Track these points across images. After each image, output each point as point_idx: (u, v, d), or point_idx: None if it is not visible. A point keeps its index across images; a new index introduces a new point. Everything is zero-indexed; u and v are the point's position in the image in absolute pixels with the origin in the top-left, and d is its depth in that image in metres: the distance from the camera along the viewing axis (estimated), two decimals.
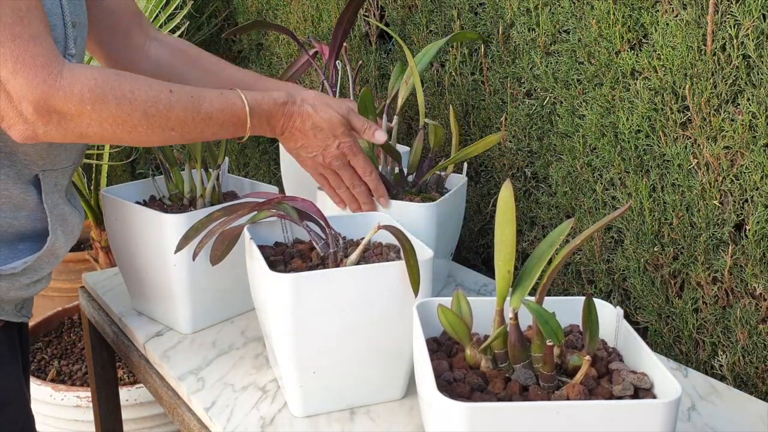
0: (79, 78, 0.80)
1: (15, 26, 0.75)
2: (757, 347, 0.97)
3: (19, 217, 0.90)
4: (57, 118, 0.80)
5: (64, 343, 2.07)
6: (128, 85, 0.84)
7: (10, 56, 0.75)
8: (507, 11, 1.22)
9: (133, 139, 0.86)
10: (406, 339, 0.85)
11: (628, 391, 0.66)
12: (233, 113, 0.94)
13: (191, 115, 0.89)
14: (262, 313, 0.89)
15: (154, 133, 0.87)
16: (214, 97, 0.92)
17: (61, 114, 0.79)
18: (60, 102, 0.78)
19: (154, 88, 0.86)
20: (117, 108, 0.82)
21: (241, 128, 0.95)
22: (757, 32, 0.89)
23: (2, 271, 0.88)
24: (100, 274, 1.33)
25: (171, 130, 0.88)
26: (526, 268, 0.70)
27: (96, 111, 0.81)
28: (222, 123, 0.93)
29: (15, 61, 0.75)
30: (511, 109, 1.26)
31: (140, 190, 1.18)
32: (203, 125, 0.91)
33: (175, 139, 0.90)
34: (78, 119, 0.81)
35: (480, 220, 1.39)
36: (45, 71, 0.77)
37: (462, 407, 0.59)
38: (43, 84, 0.77)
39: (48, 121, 0.79)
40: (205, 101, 0.91)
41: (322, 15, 1.70)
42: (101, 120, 0.82)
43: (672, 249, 1.05)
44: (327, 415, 0.88)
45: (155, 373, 1.05)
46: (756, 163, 0.92)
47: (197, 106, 0.90)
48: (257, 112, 0.96)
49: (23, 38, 0.76)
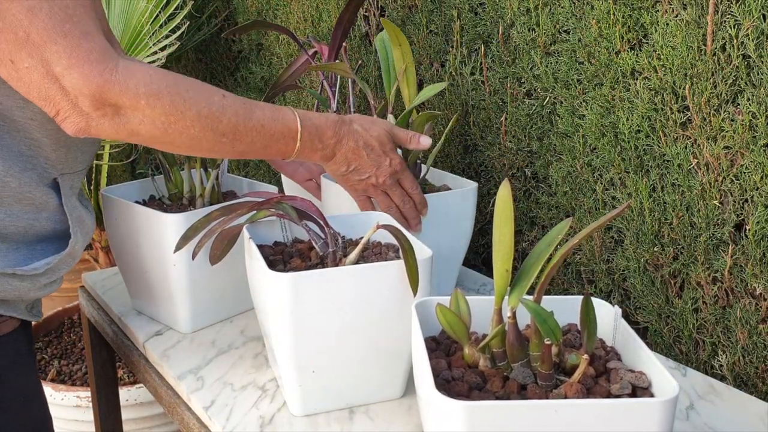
0: (135, 73, 0.80)
1: (65, 24, 0.76)
2: (757, 347, 0.96)
3: (40, 218, 0.91)
4: (111, 112, 0.80)
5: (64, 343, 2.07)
6: (183, 84, 0.84)
7: (63, 53, 0.76)
8: (507, 11, 1.22)
9: (183, 141, 0.85)
10: (404, 338, 0.85)
11: (625, 389, 0.66)
12: (284, 124, 0.92)
13: (243, 121, 0.88)
14: (261, 313, 0.89)
15: (205, 137, 0.85)
16: (266, 107, 0.91)
17: (115, 108, 0.80)
18: (115, 95, 0.79)
19: (207, 89, 0.86)
20: (171, 105, 0.82)
21: (291, 143, 0.93)
22: (757, 32, 0.89)
23: (25, 271, 0.89)
24: (100, 274, 1.33)
25: (222, 135, 0.87)
26: (525, 267, 0.70)
27: (150, 107, 0.81)
28: (272, 135, 0.91)
29: (69, 57, 0.76)
30: (511, 109, 1.26)
31: (140, 190, 1.18)
32: (254, 134, 0.89)
33: (225, 147, 0.88)
34: (131, 114, 0.81)
35: (480, 220, 1.39)
36: (101, 66, 0.78)
37: (460, 406, 0.59)
38: (99, 77, 0.78)
39: (103, 114, 0.80)
40: (257, 109, 0.90)
41: (322, 15, 1.70)
42: (154, 117, 0.81)
43: (672, 249, 1.05)
44: (326, 414, 0.88)
45: (155, 373, 1.05)
46: (756, 163, 0.92)
47: (249, 113, 0.89)
48: (308, 125, 0.94)
49: (74, 35, 0.77)
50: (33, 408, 0.94)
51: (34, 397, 0.95)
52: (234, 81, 2.16)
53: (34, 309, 0.95)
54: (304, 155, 0.95)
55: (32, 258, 0.91)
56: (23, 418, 0.92)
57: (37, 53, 0.76)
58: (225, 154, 0.91)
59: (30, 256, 0.91)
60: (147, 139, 0.84)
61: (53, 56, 0.76)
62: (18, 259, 0.90)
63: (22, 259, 0.90)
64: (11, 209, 0.88)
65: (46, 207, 0.92)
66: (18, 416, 0.91)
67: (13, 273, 0.88)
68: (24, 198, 0.89)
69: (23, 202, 0.89)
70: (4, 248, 0.88)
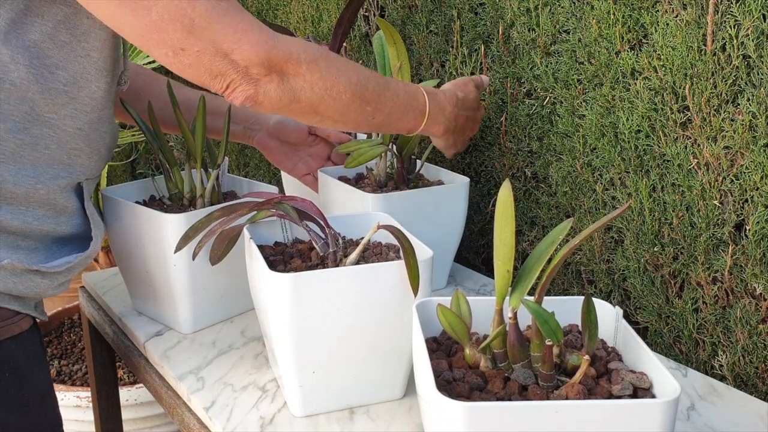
0: (292, 41, 0.86)
1: (222, 2, 0.81)
2: (757, 347, 0.96)
3: (60, 222, 0.93)
4: (278, 78, 0.85)
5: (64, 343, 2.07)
6: (331, 54, 0.91)
7: (228, 29, 0.81)
8: (507, 11, 1.22)
9: (336, 109, 0.91)
10: (405, 338, 0.85)
11: (627, 390, 0.66)
12: (415, 98, 1.00)
13: (383, 90, 0.95)
14: (261, 313, 0.89)
15: (353, 104, 0.92)
16: (398, 81, 1.00)
17: (281, 73, 0.85)
18: (281, 60, 0.84)
19: (349, 61, 0.93)
20: (327, 71, 0.88)
21: (420, 116, 1.01)
22: (757, 32, 0.89)
23: (48, 268, 0.90)
24: (100, 274, 1.33)
25: (367, 104, 0.93)
26: (526, 268, 0.70)
27: (309, 71, 0.87)
28: (405, 106, 0.99)
29: (234, 32, 0.81)
30: (511, 109, 1.26)
31: (140, 190, 1.18)
32: (392, 104, 0.96)
33: (368, 117, 0.95)
34: (293, 80, 0.86)
35: (480, 220, 1.39)
36: (263, 35, 0.83)
37: (461, 407, 0.59)
38: (266, 44, 0.83)
39: (270, 80, 0.84)
40: (391, 81, 0.98)
41: (322, 15, 1.70)
42: (313, 82, 0.87)
43: (672, 249, 1.05)
44: (327, 414, 0.88)
45: (155, 373, 1.05)
46: (756, 163, 0.92)
47: (387, 83, 0.97)
48: (433, 99, 1.03)
49: (232, 12, 0.82)
50: (48, 407, 0.95)
51: (49, 397, 0.96)
52: None
53: (38, 308, 0.96)
54: (428, 129, 1.04)
55: (51, 257, 0.93)
56: (40, 419, 0.93)
57: (204, 35, 0.80)
58: (366, 125, 0.97)
59: (49, 256, 0.93)
60: (305, 106, 0.89)
61: (219, 35, 0.81)
62: (39, 257, 0.91)
63: (43, 258, 0.92)
64: (36, 213, 0.90)
65: (65, 211, 0.93)
66: (37, 416, 0.92)
67: (37, 270, 0.89)
68: (46, 203, 0.91)
69: (45, 207, 0.91)
70: (27, 246, 0.90)
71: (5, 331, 0.88)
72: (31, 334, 0.93)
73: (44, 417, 0.94)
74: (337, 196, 1.17)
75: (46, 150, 0.89)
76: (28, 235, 0.90)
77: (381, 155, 1.17)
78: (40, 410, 0.93)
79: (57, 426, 0.97)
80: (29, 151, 0.88)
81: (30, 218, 0.89)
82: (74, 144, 0.92)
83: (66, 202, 0.93)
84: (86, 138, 0.93)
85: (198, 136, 1.09)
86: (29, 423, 0.91)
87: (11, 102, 0.85)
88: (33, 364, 0.93)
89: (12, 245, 0.88)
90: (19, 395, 0.90)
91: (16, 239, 0.88)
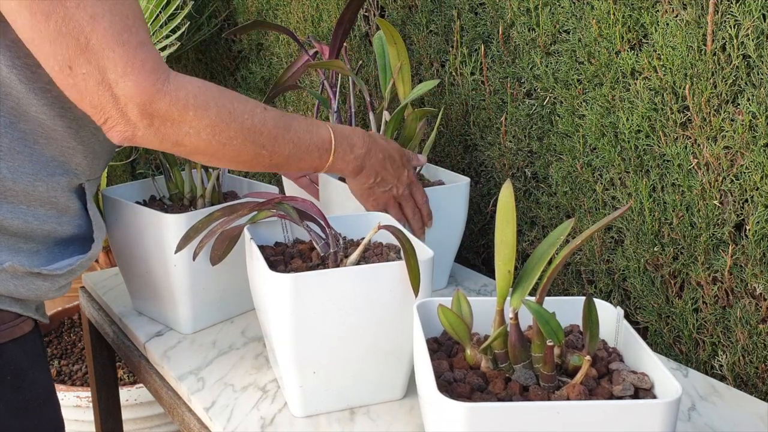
0: (185, 85, 0.82)
1: (123, 33, 0.78)
2: (757, 347, 0.97)
3: (62, 222, 0.93)
4: (158, 122, 0.81)
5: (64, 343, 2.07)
6: (228, 95, 0.86)
7: (120, 60, 0.77)
8: (507, 11, 1.22)
9: (226, 153, 0.87)
10: (406, 339, 0.85)
11: (628, 391, 0.66)
12: (319, 137, 0.95)
13: (282, 132, 0.90)
14: (262, 313, 0.89)
15: (246, 148, 0.88)
16: (301, 119, 0.94)
17: (163, 118, 0.81)
18: (165, 106, 0.80)
19: (250, 102, 0.89)
20: (217, 116, 0.84)
21: (325, 155, 0.96)
22: (757, 32, 0.89)
23: (49, 271, 0.90)
24: (100, 274, 1.33)
25: (262, 147, 0.89)
26: (527, 269, 0.70)
27: (197, 118, 0.83)
28: (308, 147, 0.94)
29: (125, 65, 0.78)
30: (511, 109, 1.26)
31: (140, 190, 1.18)
32: (291, 146, 0.92)
33: (264, 159, 0.91)
34: (178, 125, 0.82)
35: (480, 220, 1.39)
36: (154, 75, 0.79)
37: (462, 407, 0.59)
38: (152, 87, 0.79)
39: (150, 124, 0.81)
40: (294, 120, 0.93)
41: (322, 15, 1.70)
42: (200, 128, 0.83)
43: (672, 249, 1.05)
44: (327, 415, 0.88)
45: (155, 373, 1.05)
46: (756, 163, 0.92)
47: (288, 125, 0.91)
48: (340, 138, 0.97)
49: (132, 44, 0.78)
50: (50, 410, 0.95)
51: (51, 399, 0.96)
52: (234, 81, 2.16)
53: (39, 310, 0.95)
54: (336, 167, 0.99)
55: (53, 260, 0.93)
56: (42, 422, 0.93)
57: (95, 60, 0.77)
58: (262, 166, 0.92)
59: (51, 258, 0.93)
60: (190, 150, 0.85)
61: (110, 63, 0.77)
62: (41, 260, 0.91)
63: (44, 260, 0.92)
64: (37, 212, 0.90)
65: (67, 211, 0.93)
66: (38, 419, 0.92)
67: (39, 272, 0.89)
68: (48, 202, 0.90)
69: (47, 206, 0.90)
70: (29, 249, 0.90)
71: (6, 334, 0.88)
72: (32, 336, 0.93)
73: (46, 420, 0.94)
74: (338, 197, 1.17)
75: (36, 146, 0.88)
76: (30, 236, 0.89)
77: None
78: (41, 413, 0.93)
79: (59, 428, 0.97)
80: (22, 147, 0.87)
81: (30, 218, 0.89)
82: (66, 142, 0.91)
83: (68, 201, 0.93)
84: (77, 136, 0.92)
85: None
86: (31, 426, 0.91)
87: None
88: (34, 367, 0.93)
89: (13, 248, 0.88)
90: (21, 398, 0.90)
91: (18, 241, 0.88)
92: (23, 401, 0.90)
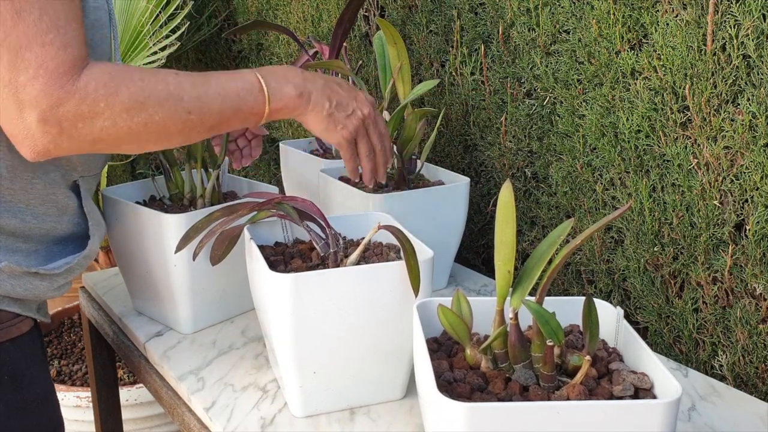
0: (94, 75, 0.76)
1: (49, 33, 0.73)
2: (757, 347, 0.97)
3: (62, 221, 0.92)
4: (69, 126, 0.76)
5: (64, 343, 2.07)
6: (135, 73, 0.80)
7: (34, 62, 0.73)
8: (507, 11, 1.22)
9: (150, 133, 0.81)
10: (406, 339, 0.85)
11: (628, 391, 0.66)
12: (244, 80, 0.87)
13: (203, 89, 0.83)
14: (262, 313, 0.89)
15: (171, 119, 0.81)
16: (219, 72, 0.87)
17: (73, 120, 0.75)
18: (73, 106, 0.75)
19: (160, 72, 0.82)
20: (129, 98, 0.78)
21: (260, 96, 0.87)
22: (757, 32, 0.89)
23: (47, 271, 0.90)
24: (100, 274, 1.33)
25: (188, 112, 0.82)
26: (526, 269, 0.70)
27: (110, 106, 0.77)
28: (237, 94, 0.86)
29: (37, 68, 0.73)
30: (511, 109, 1.26)
31: (140, 190, 1.18)
32: (219, 99, 0.84)
33: (195, 125, 0.83)
34: (92, 121, 0.76)
35: (480, 220, 1.39)
36: (65, 78, 0.74)
37: (462, 407, 0.59)
38: (60, 90, 0.74)
39: (60, 132, 0.75)
40: (212, 76, 0.86)
41: (322, 15, 1.70)
42: (115, 116, 0.77)
43: (672, 249, 1.05)
44: (327, 415, 0.88)
45: (155, 373, 1.05)
46: (756, 163, 0.92)
47: (206, 80, 0.85)
48: (266, 72, 0.89)
49: (54, 45, 0.74)
50: (49, 409, 0.95)
51: (50, 399, 0.96)
52: None
53: (41, 310, 0.95)
54: (279, 106, 0.90)
55: (51, 259, 0.92)
56: (41, 419, 0.93)
57: (6, 56, 0.72)
58: (197, 133, 0.85)
59: (49, 257, 0.92)
60: (112, 142, 0.80)
61: (23, 64, 0.72)
62: (39, 259, 0.91)
63: (42, 260, 0.91)
64: (36, 210, 0.89)
65: (67, 209, 0.93)
66: (36, 417, 0.92)
67: (36, 272, 0.89)
68: (48, 200, 0.90)
69: (47, 204, 0.90)
70: (26, 249, 0.89)
71: (4, 334, 0.88)
72: (30, 336, 0.93)
73: (45, 419, 0.94)
74: (338, 196, 1.17)
75: None
76: (28, 236, 0.89)
77: None
78: (40, 413, 0.93)
79: (58, 428, 0.97)
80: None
81: (29, 216, 0.88)
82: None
83: (67, 199, 0.92)
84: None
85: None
86: (30, 426, 0.91)
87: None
88: (33, 367, 0.93)
89: (11, 248, 0.87)
90: (19, 398, 0.90)
91: (16, 241, 0.88)
92: (22, 401, 0.90)
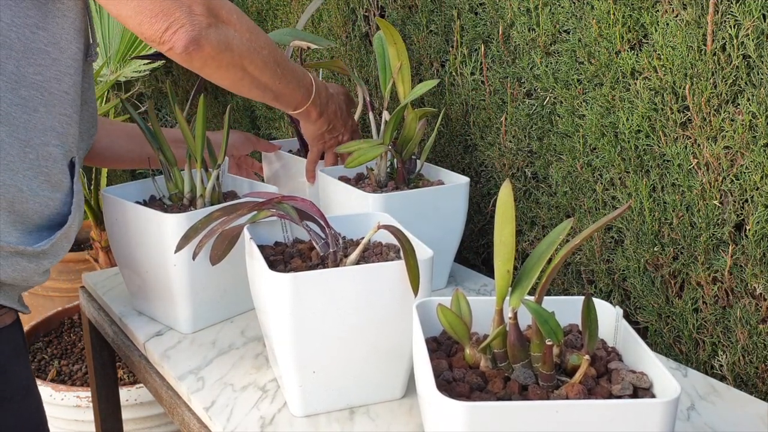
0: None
1: None
2: (757, 347, 0.97)
3: (55, 198, 0.93)
4: (215, 22, 0.90)
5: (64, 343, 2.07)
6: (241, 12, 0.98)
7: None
8: (507, 11, 1.22)
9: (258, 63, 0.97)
10: (405, 338, 0.85)
11: (627, 390, 0.66)
12: (306, 76, 1.09)
13: (285, 59, 1.03)
14: (261, 313, 0.90)
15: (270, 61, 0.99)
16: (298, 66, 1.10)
17: (218, 17, 0.91)
18: (218, 6, 0.91)
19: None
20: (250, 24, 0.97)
21: (308, 91, 1.09)
22: (757, 32, 0.89)
23: (34, 249, 0.90)
24: (100, 274, 1.33)
25: (277, 65, 1.00)
26: (526, 268, 0.70)
27: (240, 21, 0.95)
28: (300, 78, 1.06)
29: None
30: (511, 109, 1.26)
31: (140, 190, 1.18)
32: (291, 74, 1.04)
33: (276, 79, 1.01)
34: (227, 27, 0.92)
35: (480, 220, 1.39)
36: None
37: (461, 406, 0.59)
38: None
39: (210, 24, 0.89)
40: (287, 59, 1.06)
41: (322, 15, 1.70)
42: (242, 31, 0.94)
43: (672, 249, 1.05)
44: (327, 414, 0.88)
45: (155, 373, 1.05)
46: (756, 163, 0.92)
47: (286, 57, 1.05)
48: (316, 81, 1.11)
49: None
50: (32, 403, 0.95)
51: (32, 392, 0.96)
52: None
53: (20, 300, 0.96)
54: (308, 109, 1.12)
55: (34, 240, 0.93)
56: (24, 413, 0.93)
57: None
58: (273, 88, 1.02)
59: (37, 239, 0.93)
60: (236, 56, 0.94)
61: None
62: (28, 239, 0.91)
63: (31, 240, 0.92)
64: (31, 183, 0.89)
65: (60, 187, 0.94)
66: (19, 410, 0.92)
67: (23, 251, 0.89)
68: (41, 172, 0.91)
69: (40, 177, 0.91)
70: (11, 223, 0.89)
71: None
72: (13, 328, 0.93)
73: (28, 412, 0.94)
74: (338, 196, 1.17)
75: (36, 113, 0.89)
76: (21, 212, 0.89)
77: (381, 155, 1.17)
78: (22, 406, 0.93)
79: (41, 421, 0.97)
80: (20, 113, 0.87)
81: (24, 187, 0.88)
82: (62, 109, 0.92)
83: (60, 176, 0.93)
84: (74, 105, 0.94)
85: (198, 136, 1.09)
86: (12, 418, 0.91)
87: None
88: (14, 360, 0.93)
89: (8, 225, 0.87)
90: (4, 390, 0.90)
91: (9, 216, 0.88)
92: (4, 394, 0.90)
